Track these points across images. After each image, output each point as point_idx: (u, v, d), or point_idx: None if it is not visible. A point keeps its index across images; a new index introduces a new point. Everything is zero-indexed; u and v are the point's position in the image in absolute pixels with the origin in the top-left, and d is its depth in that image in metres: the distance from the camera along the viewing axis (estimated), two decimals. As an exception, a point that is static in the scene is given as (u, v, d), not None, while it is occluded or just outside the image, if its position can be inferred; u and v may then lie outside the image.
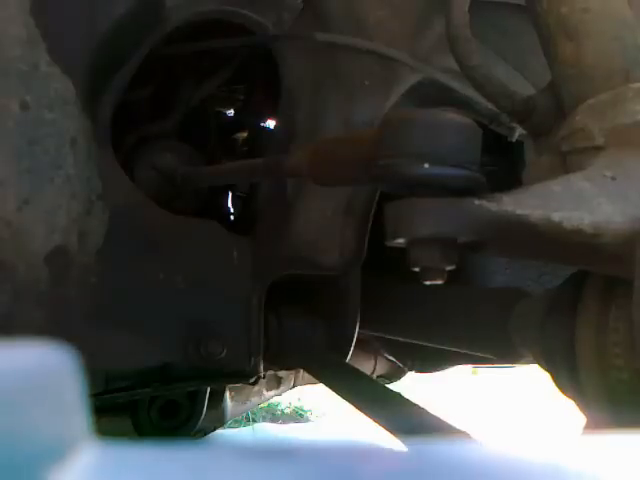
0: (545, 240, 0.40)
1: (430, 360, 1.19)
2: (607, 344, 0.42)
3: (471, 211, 0.39)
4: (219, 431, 1.43)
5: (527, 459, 0.19)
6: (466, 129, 0.42)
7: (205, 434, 1.35)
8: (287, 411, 2.76)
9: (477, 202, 0.39)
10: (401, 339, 0.94)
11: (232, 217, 1.12)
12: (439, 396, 2.84)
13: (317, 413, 2.79)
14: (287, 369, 1.17)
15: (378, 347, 1.27)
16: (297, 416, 2.73)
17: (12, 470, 0.16)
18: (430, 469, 0.18)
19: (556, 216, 0.39)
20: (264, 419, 2.56)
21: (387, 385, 1.31)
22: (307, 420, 2.72)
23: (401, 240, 0.41)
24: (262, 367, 0.82)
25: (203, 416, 1.21)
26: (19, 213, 0.63)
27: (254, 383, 0.86)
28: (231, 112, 1.24)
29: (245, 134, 1.18)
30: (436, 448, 0.19)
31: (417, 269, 0.41)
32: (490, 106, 0.73)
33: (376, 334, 1.02)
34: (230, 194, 1.12)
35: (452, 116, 0.43)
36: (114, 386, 0.75)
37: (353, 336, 0.91)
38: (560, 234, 0.39)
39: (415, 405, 0.60)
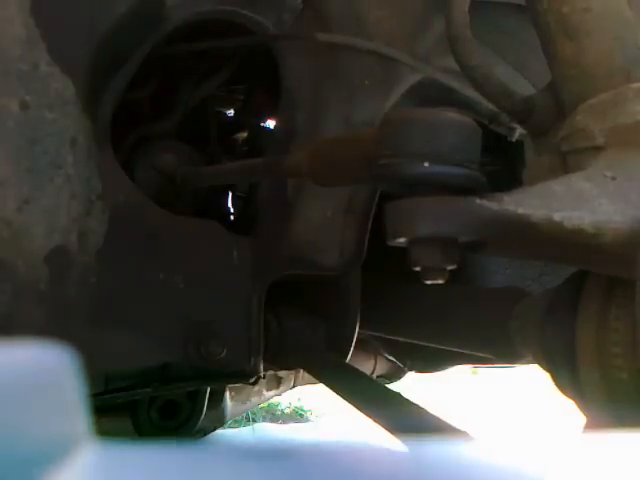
0: (546, 240, 0.39)
1: (430, 360, 1.19)
2: (607, 344, 0.42)
3: (472, 210, 0.39)
4: (219, 431, 1.43)
5: (525, 459, 0.19)
6: (466, 128, 0.42)
7: (205, 434, 1.35)
8: (287, 411, 2.76)
9: (478, 201, 0.39)
10: (401, 339, 0.94)
11: (232, 217, 1.12)
12: (439, 396, 2.84)
13: (317, 413, 2.79)
14: (287, 369, 1.16)
15: (378, 347, 1.27)
16: (297, 416, 2.73)
17: (12, 470, 0.16)
18: (429, 469, 0.18)
19: (557, 216, 0.39)
20: (264, 419, 2.56)
21: (387, 385, 1.31)
22: (307, 420, 2.72)
23: (402, 240, 0.41)
24: (262, 367, 0.82)
25: (203, 416, 1.21)
26: (19, 213, 0.63)
27: (254, 383, 0.86)
28: (231, 112, 1.23)
29: (245, 134, 1.17)
30: (435, 448, 0.19)
31: (418, 269, 0.41)
32: (490, 106, 0.73)
33: (376, 334, 1.02)
34: (230, 194, 1.12)
35: (452, 115, 0.43)
36: (114, 386, 0.75)
37: (353, 336, 0.91)
38: (561, 234, 0.39)
39: (415, 405, 0.60)
